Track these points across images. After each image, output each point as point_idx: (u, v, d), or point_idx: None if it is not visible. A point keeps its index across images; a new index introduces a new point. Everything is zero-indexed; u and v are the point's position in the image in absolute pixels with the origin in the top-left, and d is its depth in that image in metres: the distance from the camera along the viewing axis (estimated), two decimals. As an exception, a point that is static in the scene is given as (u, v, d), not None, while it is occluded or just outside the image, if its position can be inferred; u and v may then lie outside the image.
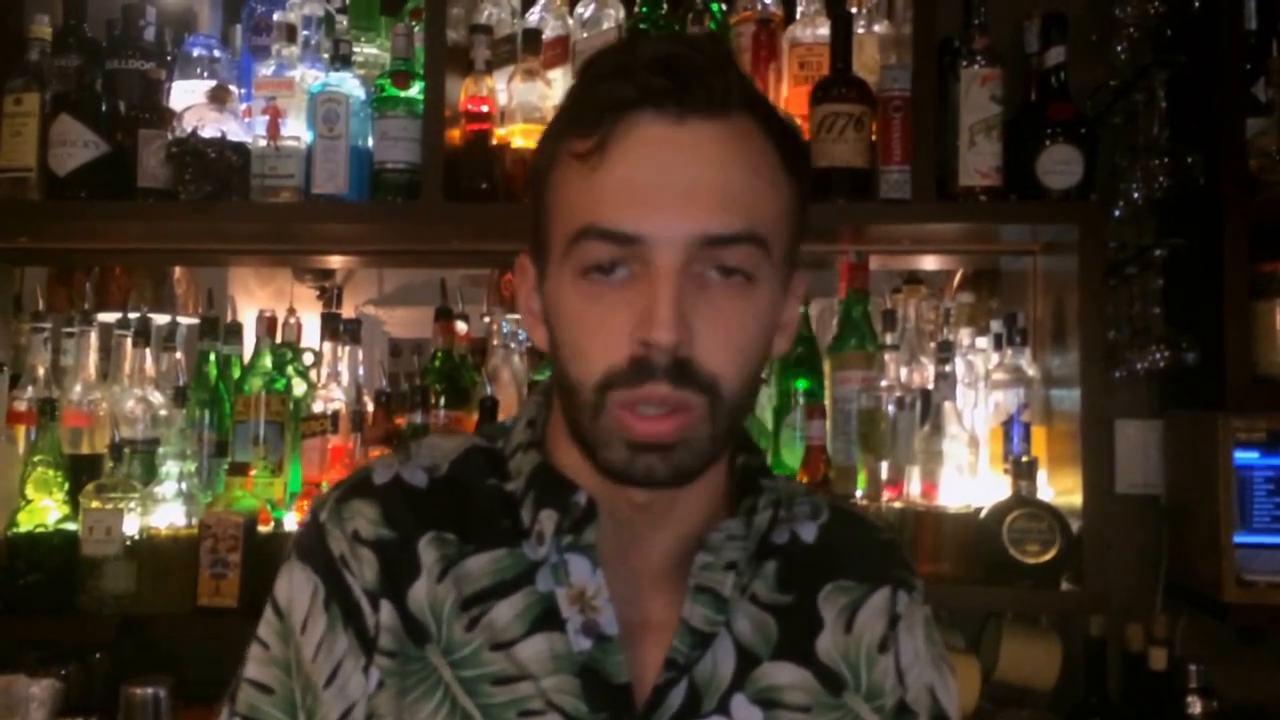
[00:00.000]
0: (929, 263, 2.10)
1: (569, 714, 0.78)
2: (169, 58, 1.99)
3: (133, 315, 1.98)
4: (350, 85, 1.84)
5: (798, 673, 0.83)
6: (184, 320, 2.08)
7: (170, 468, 1.82)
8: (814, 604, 0.86)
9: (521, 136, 1.84)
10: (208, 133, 1.81)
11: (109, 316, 2.03)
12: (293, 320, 2.01)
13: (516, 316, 1.89)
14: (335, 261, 2.12)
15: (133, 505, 1.79)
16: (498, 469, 0.86)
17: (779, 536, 0.88)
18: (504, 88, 1.86)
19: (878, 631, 0.87)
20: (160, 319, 2.06)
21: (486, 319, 2.05)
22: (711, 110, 0.76)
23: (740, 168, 0.76)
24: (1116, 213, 1.90)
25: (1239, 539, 1.77)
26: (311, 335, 2.08)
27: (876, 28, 1.92)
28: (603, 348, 0.75)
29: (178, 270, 2.34)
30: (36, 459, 1.83)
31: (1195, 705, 1.82)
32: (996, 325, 1.94)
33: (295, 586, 0.83)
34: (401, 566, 0.81)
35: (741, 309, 0.77)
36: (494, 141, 1.85)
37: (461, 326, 2.01)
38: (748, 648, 0.83)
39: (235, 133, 1.84)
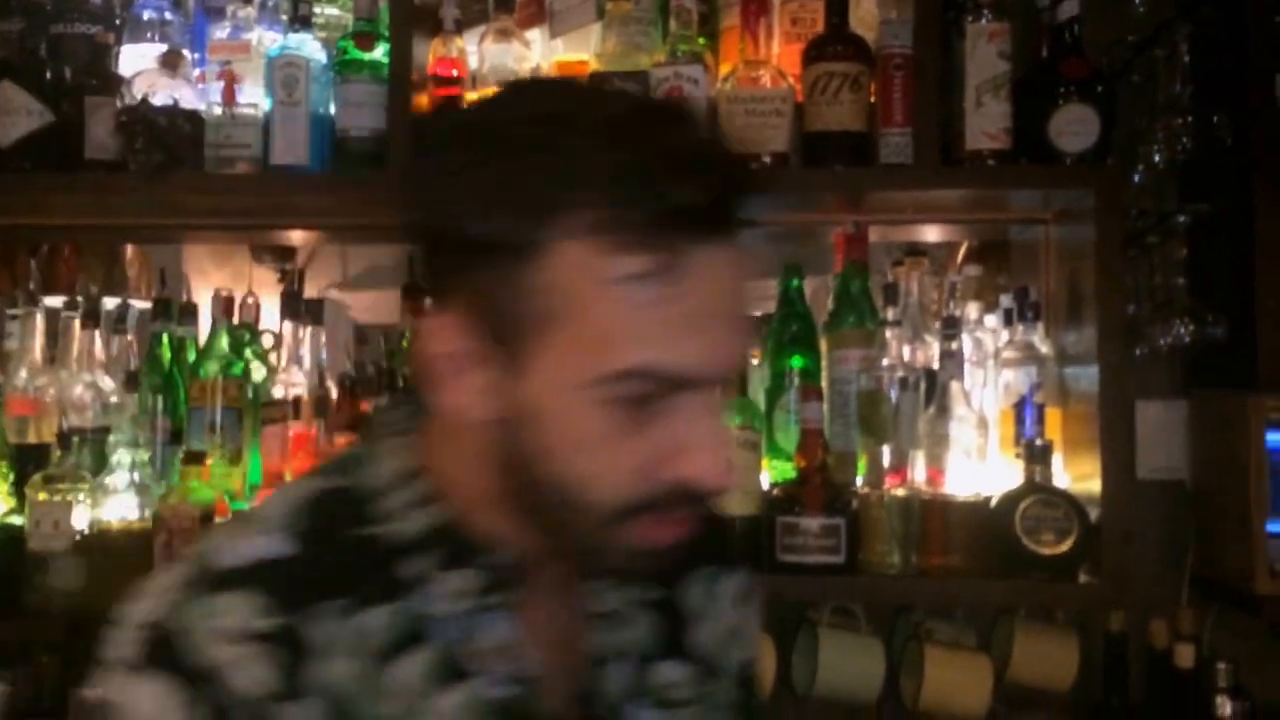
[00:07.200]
0: (932, 233, 2.05)
1: None
2: (117, 21, 1.92)
3: (81, 298, 1.93)
4: (310, 48, 1.78)
5: (682, 668, 0.87)
6: (136, 303, 2.03)
7: (122, 457, 1.76)
8: (684, 595, 0.90)
9: (494, 101, 1.77)
10: (159, 100, 1.74)
11: (56, 301, 1.98)
12: (251, 300, 1.97)
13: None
14: (296, 237, 2.07)
15: (82, 497, 1.75)
16: (358, 515, 0.77)
17: None
18: (475, 49, 1.82)
19: (733, 614, 0.94)
20: (111, 302, 2.02)
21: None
22: (739, 223, 0.72)
23: None
24: (1136, 177, 1.85)
25: (1271, 527, 1.72)
26: (271, 319, 2.02)
27: (875, -20, 1.85)
28: (623, 474, 0.71)
29: (129, 251, 2.31)
30: (-20, 449, 1.79)
31: (1225, 706, 1.77)
32: (1006, 300, 1.88)
33: (163, 704, 0.69)
34: (292, 651, 0.71)
35: None
36: (465, 107, 1.77)
37: (431, 304, 1.93)
38: (641, 653, 0.86)
39: (188, 100, 1.78)
